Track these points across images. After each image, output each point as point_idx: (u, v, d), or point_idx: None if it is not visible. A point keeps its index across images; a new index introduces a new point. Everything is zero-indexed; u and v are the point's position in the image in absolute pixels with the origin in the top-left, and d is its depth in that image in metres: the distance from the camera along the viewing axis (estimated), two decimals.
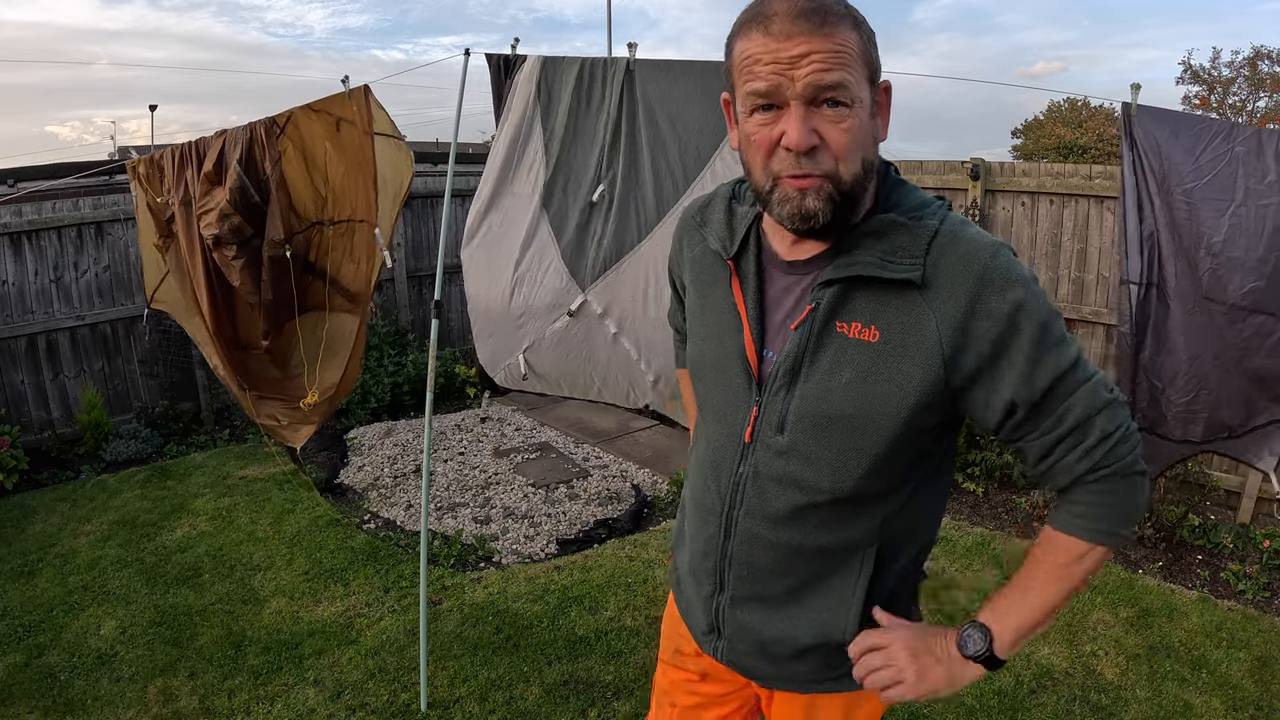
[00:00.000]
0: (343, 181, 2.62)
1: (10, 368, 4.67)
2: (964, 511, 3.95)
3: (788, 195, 0.93)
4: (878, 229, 0.97)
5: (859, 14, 0.93)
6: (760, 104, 0.91)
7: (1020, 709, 2.54)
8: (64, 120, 72.58)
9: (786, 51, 0.88)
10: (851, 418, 0.98)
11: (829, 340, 0.99)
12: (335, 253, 2.76)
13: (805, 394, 1.00)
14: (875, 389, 0.96)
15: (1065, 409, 0.96)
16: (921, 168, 4.53)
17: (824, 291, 0.99)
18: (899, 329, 0.95)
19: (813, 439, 1.01)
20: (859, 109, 0.91)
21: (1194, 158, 2.06)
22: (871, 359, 0.96)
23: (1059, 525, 1.01)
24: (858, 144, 0.92)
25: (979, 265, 0.93)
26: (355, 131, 2.51)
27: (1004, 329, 0.93)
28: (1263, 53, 21.55)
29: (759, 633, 1.13)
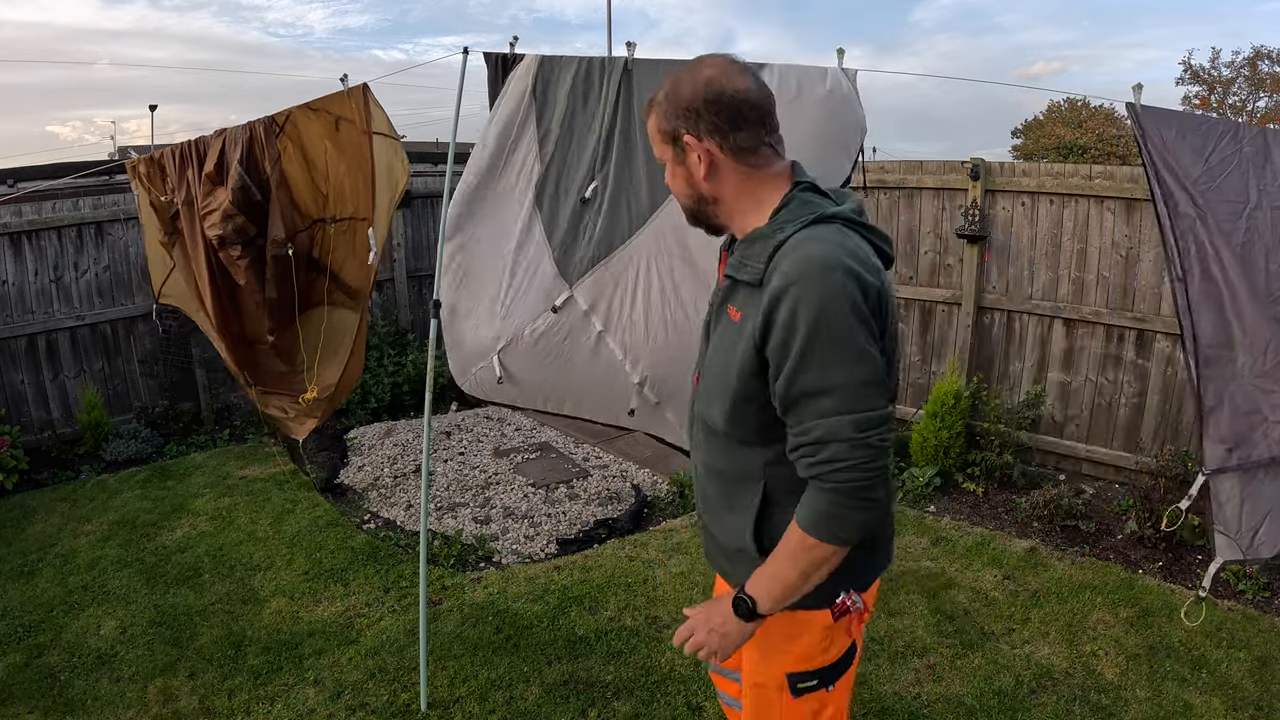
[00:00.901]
0: (343, 179, 2.62)
1: (10, 368, 4.67)
2: (964, 511, 3.95)
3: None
4: (750, 240, 1.29)
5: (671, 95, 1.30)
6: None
7: (1020, 709, 2.54)
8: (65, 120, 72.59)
9: None
10: (719, 374, 1.33)
11: (721, 319, 1.36)
12: (338, 250, 2.77)
13: (707, 354, 1.40)
14: (730, 354, 1.29)
15: (811, 426, 1.19)
16: (921, 168, 4.53)
17: (724, 283, 1.36)
18: (749, 313, 1.24)
19: (706, 385, 1.39)
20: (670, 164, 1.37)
21: (1203, 159, 2.01)
22: (734, 333, 1.29)
23: (798, 514, 1.25)
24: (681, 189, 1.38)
25: (796, 277, 1.16)
26: (354, 130, 2.51)
27: (789, 335, 1.17)
28: (1263, 53, 21.55)
29: (708, 535, 1.53)
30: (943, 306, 4.55)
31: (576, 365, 2.45)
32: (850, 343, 1.15)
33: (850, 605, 1.36)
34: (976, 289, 4.36)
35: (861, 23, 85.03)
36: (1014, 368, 4.38)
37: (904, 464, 4.35)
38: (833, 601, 1.35)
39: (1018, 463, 4.17)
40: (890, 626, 2.98)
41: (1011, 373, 4.39)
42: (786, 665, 1.42)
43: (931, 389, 4.35)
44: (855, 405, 1.16)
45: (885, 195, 4.64)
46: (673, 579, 3.33)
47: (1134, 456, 4.02)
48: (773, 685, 1.44)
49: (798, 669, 1.42)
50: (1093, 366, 4.11)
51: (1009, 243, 4.26)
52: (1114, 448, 4.11)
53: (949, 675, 2.71)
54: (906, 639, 2.90)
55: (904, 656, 2.81)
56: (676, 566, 3.43)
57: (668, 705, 2.57)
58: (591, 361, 2.43)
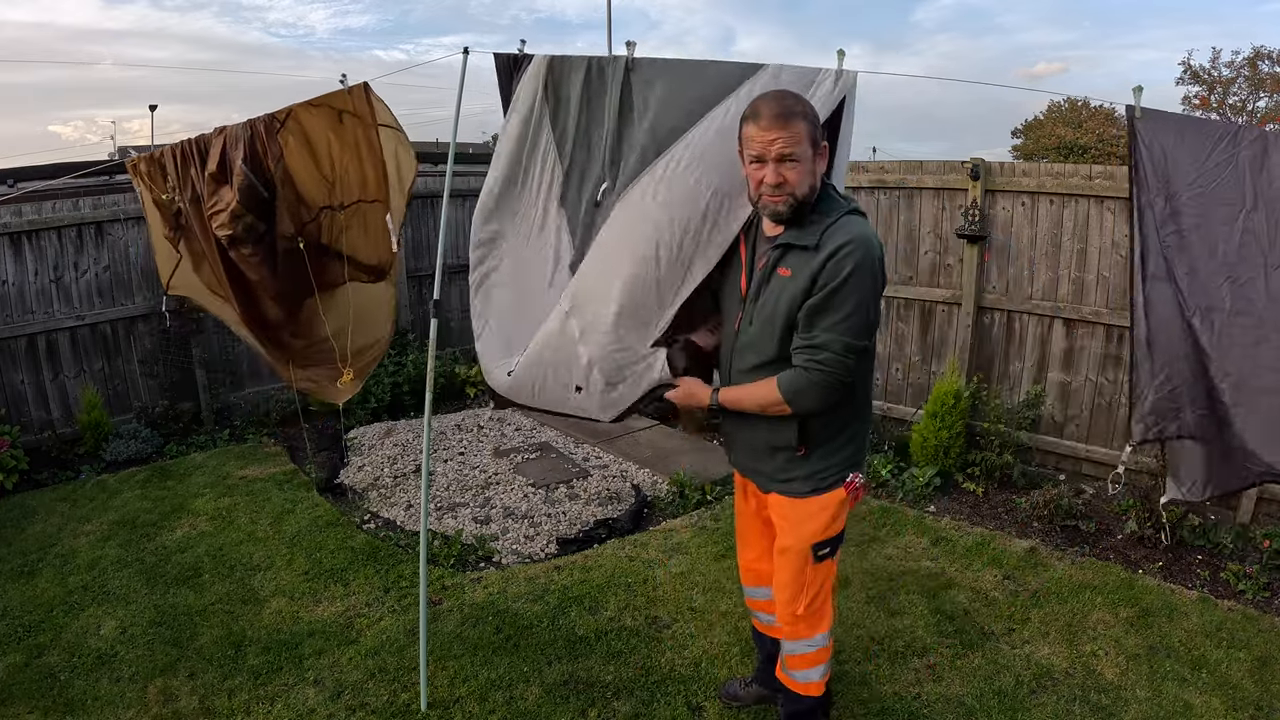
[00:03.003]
0: (348, 166, 2.65)
1: (10, 368, 4.67)
2: (964, 511, 3.95)
3: (765, 204, 1.89)
4: (807, 221, 1.88)
5: (808, 107, 1.87)
6: (754, 159, 1.86)
7: (1020, 709, 2.54)
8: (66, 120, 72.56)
9: (768, 136, 1.81)
10: (774, 314, 1.92)
11: (773, 276, 1.93)
12: (350, 232, 2.81)
13: (760, 303, 1.96)
14: (781, 299, 1.90)
15: (816, 334, 1.85)
16: (922, 167, 4.53)
17: (774, 252, 1.93)
18: (801, 269, 1.86)
19: (760, 326, 1.96)
20: (805, 162, 1.83)
21: (1200, 162, 2.03)
22: (785, 284, 1.89)
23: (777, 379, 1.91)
24: (803, 180, 1.84)
25: (842, 244, 1.81)
26: (357, 122, 2.53)
27: (832, 282, 1.81)
28: (1263, 53, 21.56)
29: (743, 439, 2.14)
30: (943, 306, 4.55)
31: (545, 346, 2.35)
32: (868, 293, 1.83)
33: (858, 483, 2.06)
34: (976, 289, 4.36)
35: (862, 22, 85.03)
36: (1014, 368, 4.38)
37: (904, 464, 4.35)
38: (845, 481, 2.04)
39: (1018, 463, 4.17)
40: (890, 626, 2.98)
41: (1011, 373, 4.39)
42: (812, 536, 2.05)
43: (931, 389, 4.34)
44: (850, 333, 1.83)
45: (885, 195, 4.64)
46: (673, 579, 3.33)
47: (1134, 456, 4.01)
48: (800, 550, 2.07)
49: (819, 538, 2.06)
50: (1093, 366, 4.11)
51: (1009, 243, 4.26)
52: (1114, 448, 4.10)
53: (949, 675, 2.71)
54: (906, 639, 2.90)
55: (904, 656, 2.81)
56: (676, 566, 3.43)
57: (668, 705, 2.57)
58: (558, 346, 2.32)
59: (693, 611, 3.10)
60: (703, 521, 3.88)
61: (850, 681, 2.67)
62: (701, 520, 3.90)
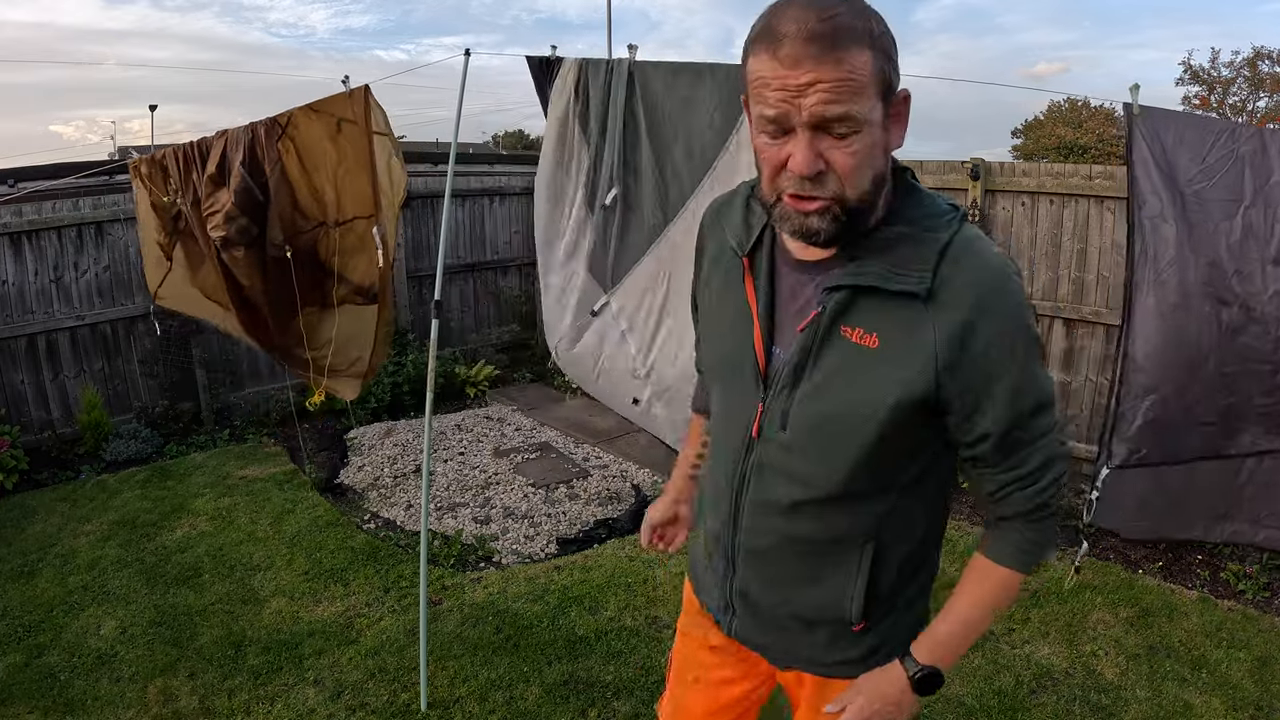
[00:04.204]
0: (345, 181, 2.63)
1: (10, 368, 4.67)
2: (964, 511, 3.95)
3: (788, 213, 0.97)
4: (887, 240, 0.99)
5: (876, 24, 0.90)
6: (768, 124, 0.92)
7: (1020, 709, 2.54)
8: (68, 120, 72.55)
9: (794, 79, 0.88)
10: (845, 418, 1.02)
11: (833, 343, 1.02)
12: (345, 251, 2.79)
13: (807, 393, 1.05)
14: (870, 393, 1.00)
15: (1030, 452, 1.04)
16: (922, 167, 4.53)
17: (830, 296, 1.01)
18: (900, 337, 0.98)
19: (811, 437, 1.06)
20: (868, 130, 0.91)
21: (1200, 158, 2.04)
22: (870, 363, 1.00)
23: (998, 558, 1.11)
24: (865, 166, 0.93)
25: (987, 288, 0.97)
26: (356, 131, 2.52)
27: (999, 358, 0.97)
28: (1263, 53, 21.57)
29: (768, 610, 1.21)
30: None
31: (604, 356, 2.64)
32: (1040, 353, 1.04)
33: None
34: None
35: None
36: None
37: None
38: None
39: None
40: None
41: None
42: None
43: None
44: (1056, 415, 1.06)
45: None
46: (673, 579, 3.33)
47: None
48: None
49: None
50: (1093, 366, 4.11)
51: (1009, 243, 4.26)
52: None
53: (949, 675, 2.71)
54: None
55: None
56: (676, 566, 3.44)
57: None
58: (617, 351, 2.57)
59: None
60: None
61: None
62: None
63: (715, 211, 1.24)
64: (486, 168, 7.20)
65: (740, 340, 1.10)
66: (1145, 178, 2.09)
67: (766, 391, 1.08)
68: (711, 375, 1.24)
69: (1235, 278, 2.03)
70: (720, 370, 1.18)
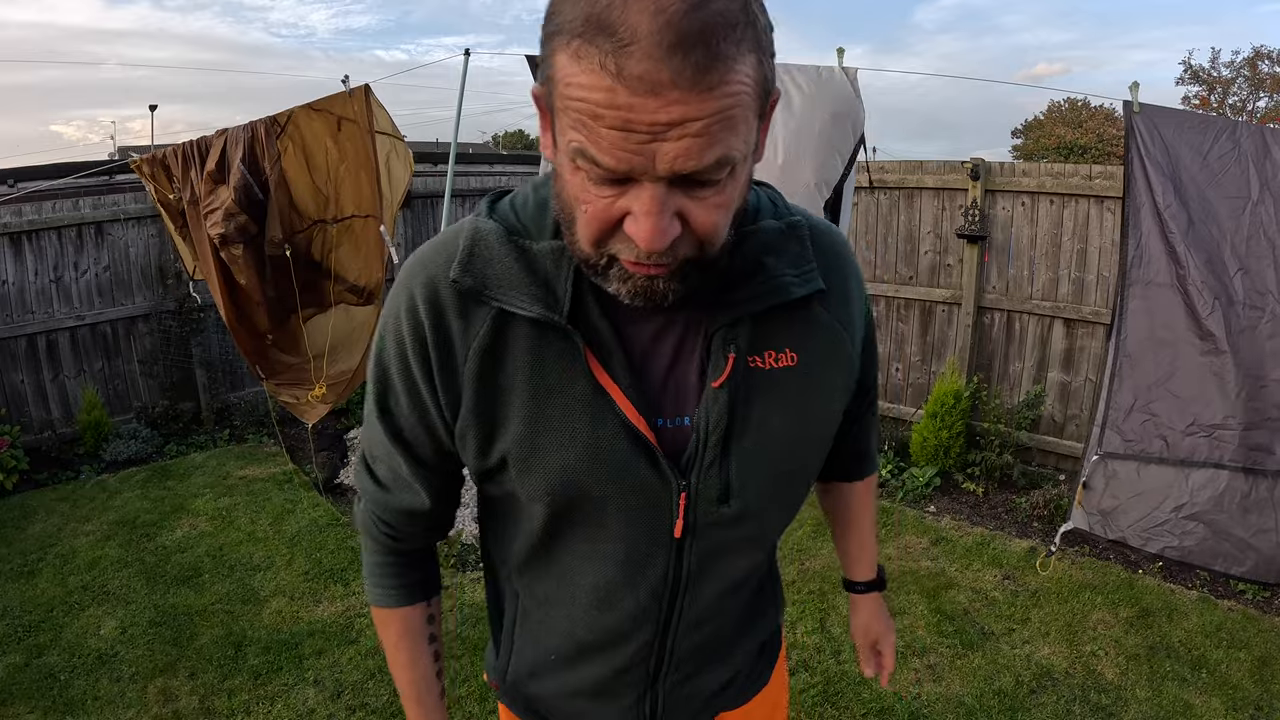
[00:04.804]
0: (344, 179, 2.63)
1: (10, 368, 4.67)
2: (964, 511, 3.95)
3: (627, 275, 0.69)
4: (769, 240, 0.81)
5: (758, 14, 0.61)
6: (596, 171, 0.62)
7: (1020, 709, 2.54)
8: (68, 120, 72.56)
9: (648, 114, 0.57)
10: (801, 456, 0.89)
11: (753, 382, 0.81)
12: (340, 250, 2.78)
13: (749, 452, 0.83)
14: (815, 416, 0.87)
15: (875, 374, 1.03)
16: (921, 168, 4.53)
17: (736, 331, 0.80)
18: (815, 344, 0.85)
19: (769, 492, 0.87)
20: (743, 166, 0.65)
21: (1202, 156, 2.03)
22: (800, 385, 0.84)
23: (868, 471, 1.15)
24: (732, 211, 0.68)
25: (848, 256, 0.90)
26: (357, 130, 2.52)
27: (869, 318, 0.95)
28: (1263, 53, 21.57)
29: (707, 687, 1.02)
30: (943, 306, 4.55)
31: None
32: None
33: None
34: (976, 289, 4.36)
35: (862, 22, 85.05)
36: (1014, 368, 4.38)
37: (904, 464, 4.35)
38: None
39: (1018, 463, 4.17)
40: None
41: (1011, 373, 4.39)
42: None
43: (931, 389, 4.35)
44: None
45: (885, 195, 4.64)
46: None
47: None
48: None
49: None
50: (1093, 366, 4.11)
51: (1009, 243, 4.26)
52: None
53: (949, 675, 2.71)
54: (906, 639, 2.90)
55: (904, 656, 2.81)
56: None
57: None
58: None
59: None
60: None
61: (850, 681, 2.67)
62: None
63: (445, 277, 0.78)
64: (486, 168, 7.21)
65: (608, 434, 0.79)
66: (1143, 175, 2.09)
67: (687, 474, 0.81)
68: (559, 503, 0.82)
69: (1240, 276, 2.01)
70: (582, 487, 0.80)
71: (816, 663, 2.77)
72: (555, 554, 0.88)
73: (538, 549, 0.89)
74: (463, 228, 0.80)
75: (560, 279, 0.76)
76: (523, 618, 0.97)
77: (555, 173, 0.69)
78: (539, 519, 0.85)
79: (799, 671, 2.73)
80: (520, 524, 0.89)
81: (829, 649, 2.85)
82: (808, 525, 3.78)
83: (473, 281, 0.76)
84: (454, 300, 0.78)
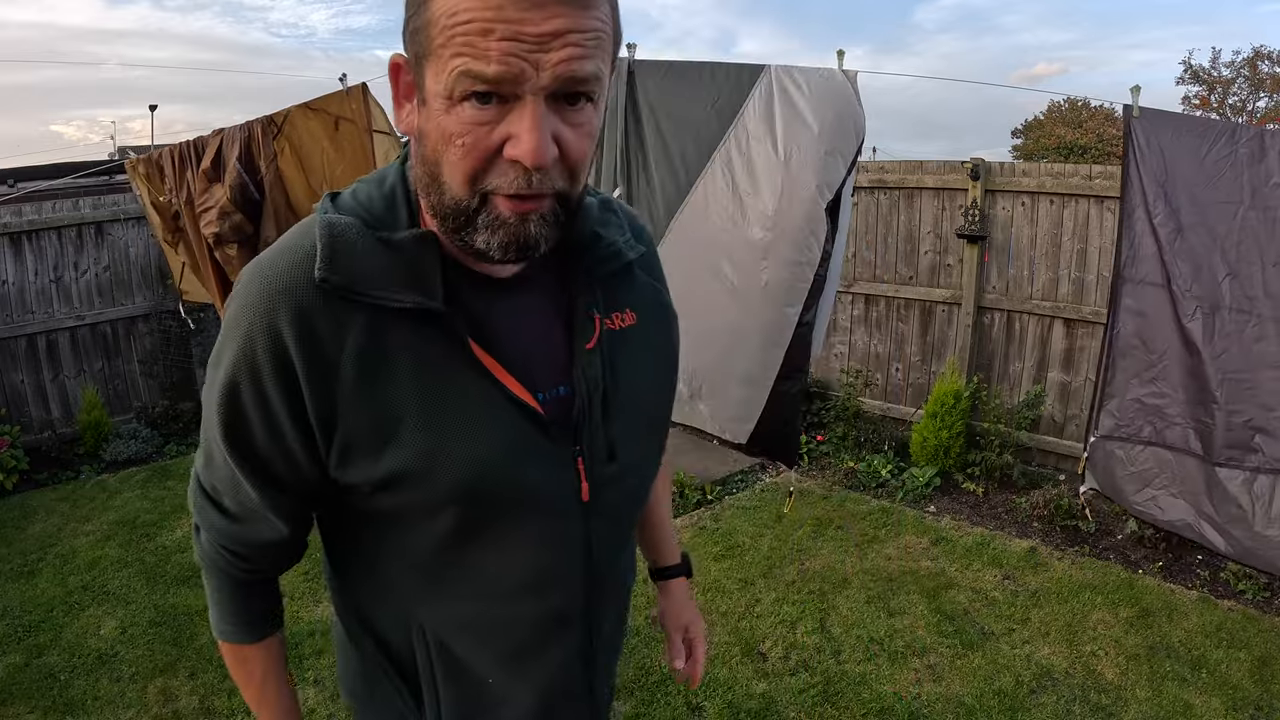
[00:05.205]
0: (341, 179, 2.63)
1: (10, 368, 4.67)
2: (964, 511, 3.95)
3: (501, 219, 0.70)
4: (594, 213, 0.87)
5: None
6: (478, 90, 0.64)
7: (1020, 709, 2.54)
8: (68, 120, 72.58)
9: (534, 24, 0.63)
10: (661, 406, 0.96)
11: (613, 342, 0.86)
12: None
13: (622, 408, 0.86)
14: (658, 367, 0.93)
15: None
16: (921, 168, 4.53)
17: (593, 296, 0.85)
18: (645, 304, 0.91)
19: (639, 447, 0.91)
20: (601, 100, 0.70)
21: (1198, 160, 2.05)
22: (643, 342, 0.90)
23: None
24: (590, 154, 0.72)
25: (647, 227, 0.98)
26: (354, 130, 2.52)
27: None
28: (1263, 53, 21.56)
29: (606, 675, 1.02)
30: (943, 306, 4.55)
31: None
32: None
33: None
34: (976, 289, 4.36)
35: (862, 23, 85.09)
36: (1014, 368, 4.38)
37: (904, 464, 4.35)
38: None
39: (1018, 463, 4.17)
40: (890, 626, 2.98)
41: (1011, 373, 4.39)
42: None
43: (931, 389, 4.35)
44: None
45: (885, 195, 4.64)
46: None
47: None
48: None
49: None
50: (1093, 366, 4.10)
51: (1009, 243, 4.26)
52: None
53: (949, 675, 2.71)
54: (906, 639, 2.90)
55: (904, 656, 2.81)
56: None
57: (668, 705, 2.57)
58: None
59: None
60: (702, 521, 3.88)
61: (850, 681, 2.67)
62: (701, 520, 3.90)
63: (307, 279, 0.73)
64: None
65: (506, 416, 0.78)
66: (1138, 180, 2.11)
67: (580, 439, 0.83)
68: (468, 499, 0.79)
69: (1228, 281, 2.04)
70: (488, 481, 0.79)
71: (816, 663, 2.77)
72: (472, 557, 0.83)
73: (447, 560, 0.83)
74: (308, 228, 0.76)
75: (429, 265, 0.75)
76: (440, 656, 0.87)
77: (419, 137, 0.71)
78: (446, 525, 0.79)
79: (799, 671, 2.73)
80: (419, 540, 0.82)
81: (829, 649, 2.85)
82: (808, 525, 3.78)
83: (341, 279, 0.72)
84: (320, 304, 0.72)
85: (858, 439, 4.64)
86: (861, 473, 4.35)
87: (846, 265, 4.62)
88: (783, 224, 2.14)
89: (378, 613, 0.90)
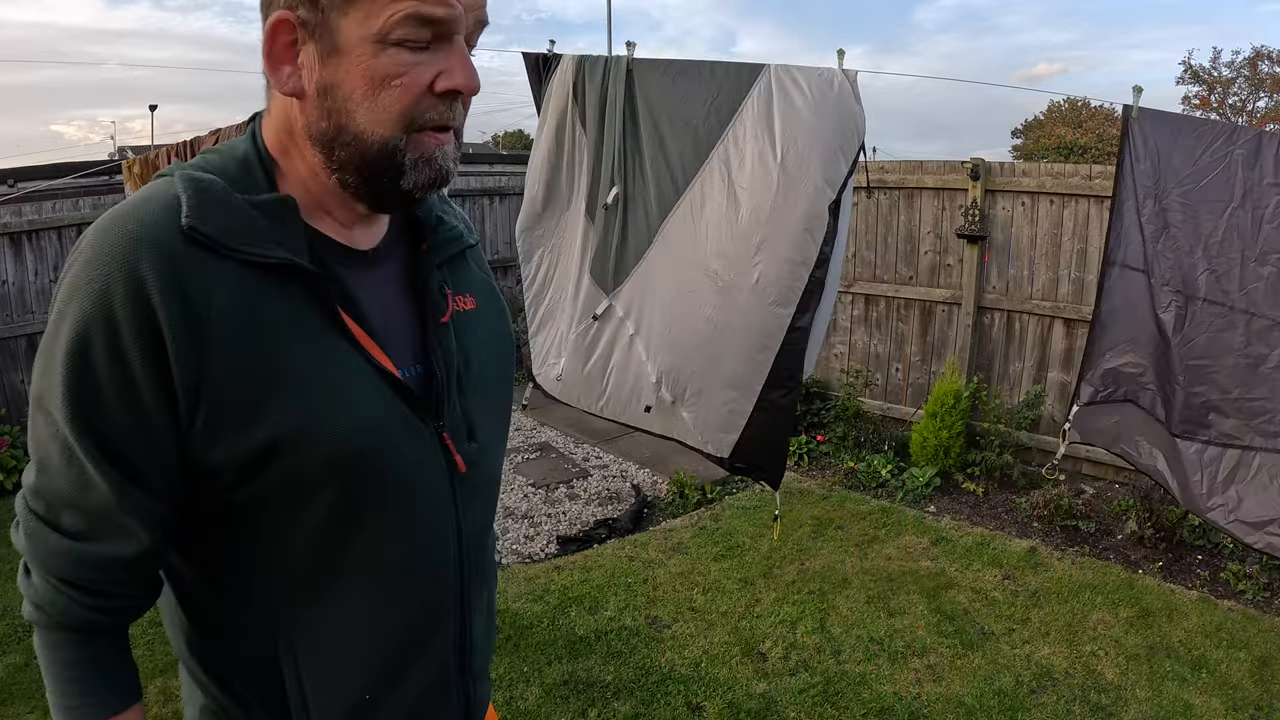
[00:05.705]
0: None
1: (10, 368, 4.67)
2: (964, 511, 3.95)
3: (425, 155, 0.73)
4: (433, 201, 0.89)
5: None
6: (417, 36, 0.69)
7: (1020, 709, 2.54)
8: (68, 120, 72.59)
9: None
10: (505, 387, 0.96)
11: (460, 322, 0.87)
12: None
13: (474, 387, 0.87)
14: (498, 351, 0.93)
15: None
16: (921, 168, 4.53)
17: (442, 275, 0.87)
18: (481, 290, 0.93)
19: (491, 427, 0.90)
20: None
21: (1193, 160, 2.08)
22: (483, 325, 0.91)
23: None
24: None
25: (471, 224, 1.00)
26: None
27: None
28: (1263, 53, 21.56)
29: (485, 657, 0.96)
30: (943, 306, 4.55)
31: (611, 366, 2.55)
32: None
33: None
34: (976, 289, 4.36)
35: (862, 23, 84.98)
36: (1014, 368, 4.38)
37: (904, 464, 4.35)
38: None
39: (1018, 463, 4.17)
40: (890, 626, 2.98)
41: (1011, 373, 4.39)
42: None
43: (931, 389, 4.35)
44: None
45: (885, 195, 4.64)
46: (673, 579, 3.33)
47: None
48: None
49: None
50: None
51: (1009, 242, 4.26)
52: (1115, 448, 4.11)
53: (949, 675, 2.71)
54: (906, 639, 2.90)
55: (904, 656, 2.81)
56: (676, 566, 3.44)
57: (668, 705, 2.57)
58: (624, 362, 2.51)
59: (693, 611, 3.10)
60: (703, 521, 3.88)
61: (850, 681, 2.67)
62: (701, 520, 3.90)
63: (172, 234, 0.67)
64: (486, 168, 7.20)
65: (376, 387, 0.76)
66: (1130, 178, 2.14)
67: (443, 414, 0.81)
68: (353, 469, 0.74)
69: (1206, 275, 2.11)
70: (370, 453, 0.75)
71: (816, 663, 2.77)
72: (350, 541, 0.76)
73: (327, 546, 0.75)
74: (165, 183, 0.71)
75: (294, 227, 0.73)
76: (309, 662, 0.78)
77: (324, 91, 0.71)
78: (320, 513, 0.73)
79: (799, 671, 2.73)
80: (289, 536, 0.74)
81: (829, 649, 2.85)
82: (808, 525, 3.78)
83: (211, 229, 0.68)
84: (187, 254, 0.67)
85: (858, 439, 4.64)
86: (861, 473, 4.35)
87: (846, 265, 4.62)
88: (779, 221, 2.14)
89: (238, 642, 0.79)
